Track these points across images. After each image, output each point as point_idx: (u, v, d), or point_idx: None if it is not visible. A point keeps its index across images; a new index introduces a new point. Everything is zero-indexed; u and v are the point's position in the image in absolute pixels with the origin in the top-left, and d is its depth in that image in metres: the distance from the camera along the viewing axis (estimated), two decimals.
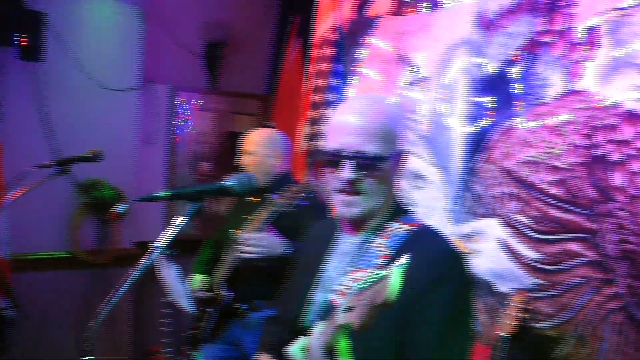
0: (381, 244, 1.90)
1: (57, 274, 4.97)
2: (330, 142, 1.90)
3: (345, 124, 1.89)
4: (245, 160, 3.70)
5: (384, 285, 1.43)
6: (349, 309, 1.51)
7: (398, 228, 1.92)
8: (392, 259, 1.80)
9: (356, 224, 1.97)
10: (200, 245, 3.94)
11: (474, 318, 1.94)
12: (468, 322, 1.84)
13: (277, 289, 3.55)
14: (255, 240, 3.31)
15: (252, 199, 3.53)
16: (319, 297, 1.97)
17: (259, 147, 3.67)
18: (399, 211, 1.97)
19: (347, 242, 1.99)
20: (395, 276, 1.43)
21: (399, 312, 1.68)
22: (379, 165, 1.87)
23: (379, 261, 1.85)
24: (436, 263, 1.80)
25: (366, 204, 1.90)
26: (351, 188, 1.88)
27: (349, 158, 1.86)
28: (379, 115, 1.91)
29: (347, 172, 1.87)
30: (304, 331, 1.82)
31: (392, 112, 1.97)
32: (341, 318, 1.51)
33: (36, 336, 4.77)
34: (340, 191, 1.90)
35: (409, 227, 1.92)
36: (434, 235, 1.92)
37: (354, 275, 1.85)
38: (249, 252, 3.33)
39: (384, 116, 1.91)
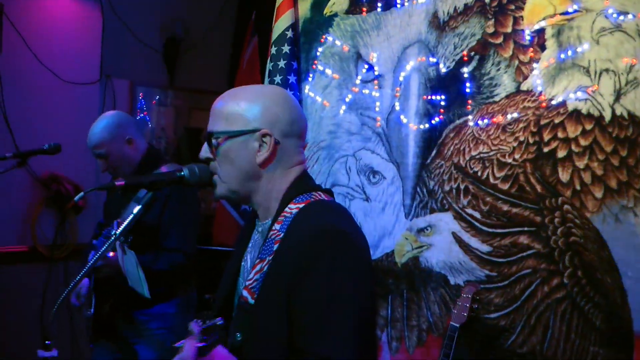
0: (277, 229, 1.86)
1: (16, 268, 4.95)
2: None
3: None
4: (104, 166, 3.52)
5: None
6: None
7: (290, 209, 1.88)
8: (282, 242, 1.81)
9: (255, 211, 1.99)
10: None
11: (360, 292, 1.81)
12: (350, 298, 1.75)
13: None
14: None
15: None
16: (239, 289, 1.95)
17: (105, 144, 3.46)
18: (295, 193, 1.92)
19: (257, 231, 1.99)
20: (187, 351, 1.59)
21: (283, 298, 1.71)
22: (219, 143, 1.87)
23: (275, 247, 1.82)
24: (306, 244, 1.76)
25: (221, 184, 1.92)
26: (210, 168, 1.94)
27: (204, 138, 1.92)
28: (233, 98, 1.91)
29: (201, 151, 1.94)
30: None
31: (254, 96, 1.91)
32: None
33: None
34: None
35: (299, 206, 1.88)
36: (313, 213, 1.87)
37: (257, 267, 1.84)
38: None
39: (238, 99, 1.90)
